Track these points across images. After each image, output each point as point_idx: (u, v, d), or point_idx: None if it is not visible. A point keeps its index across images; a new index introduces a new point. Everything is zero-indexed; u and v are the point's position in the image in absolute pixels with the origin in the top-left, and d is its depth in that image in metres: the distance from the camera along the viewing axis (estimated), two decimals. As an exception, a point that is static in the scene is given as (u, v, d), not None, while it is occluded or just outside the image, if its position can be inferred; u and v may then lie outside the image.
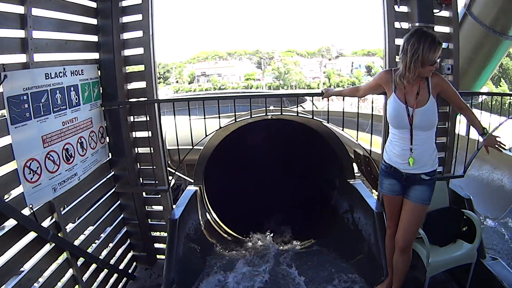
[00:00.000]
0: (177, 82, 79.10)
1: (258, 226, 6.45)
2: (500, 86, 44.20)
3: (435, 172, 3.38)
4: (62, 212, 3.61)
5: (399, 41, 3.93)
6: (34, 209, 3.17)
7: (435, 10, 4.20)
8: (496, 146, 3.42)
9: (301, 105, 16.59)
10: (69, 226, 3.77)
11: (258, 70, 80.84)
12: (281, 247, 5.67)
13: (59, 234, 3.51)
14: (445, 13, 4.27)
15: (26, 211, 3.10)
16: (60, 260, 3.63)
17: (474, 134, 4.28)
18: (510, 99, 5.20)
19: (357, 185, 5.30)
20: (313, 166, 7.29)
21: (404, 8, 4.24)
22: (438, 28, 4.26)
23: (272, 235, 6.16)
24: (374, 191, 8.47)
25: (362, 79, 76.22)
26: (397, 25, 4.21)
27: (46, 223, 3.43)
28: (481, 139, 3.57)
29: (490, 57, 7.19)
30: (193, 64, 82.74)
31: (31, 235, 3.18)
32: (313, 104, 4.70)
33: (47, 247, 3.41)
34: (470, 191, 4.49)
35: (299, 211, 6.91)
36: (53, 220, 3.51)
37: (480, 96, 6.95)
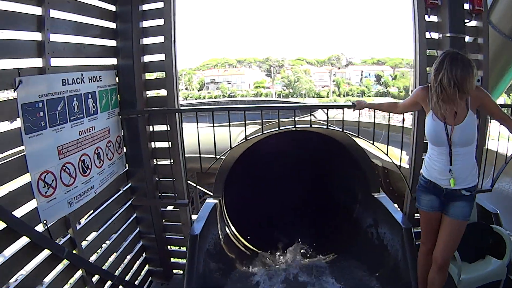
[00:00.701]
0: (186, 89, 79.71)
1: (279, 239, 6.23)
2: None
3: (475, 187, 3.26)
4: (78, 228, 3.40)
5: (430, 51, 4.04)
6: (48, 225, 2.95)
7: (465, 20, 4.07)
8: None
9: (313, 114, 16.28)
10: (85, 242, 3.57)
11: (268, 78, 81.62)
12: (302, 262, 5.47)
13: (74, 251, 3.32)
14: (474, 23, 4.17)
15: (39, 227, 2.89)
16: (75, 277, 3.42)
17: (502, 147, 4.15)
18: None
19: (382, 199, 5.11)
20: (335, 178, 7.05)
21: (434, 18, 4.10)
22: (468, 39, 4.18)
23: (292, 249, 5.93)
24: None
25: (372, 88, 76.96)
26: (427, 35, 4.08)
27: (61, 239, 3.24)
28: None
29: (508, 66, 7.00)
30: (202, 71, 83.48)
31: (46, 252, 2.98)
32: (343, 116, 4.49)
33: (62, 265, 3.21)
34: (494, 205, 4.41)
35: (320, 224, 6.66)
36: (68, 236, 3.30)
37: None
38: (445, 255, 3.31)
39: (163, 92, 4.16)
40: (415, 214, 4.44)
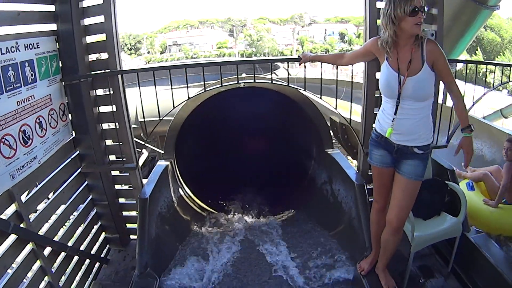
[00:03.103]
0: (148, 52, 78.32)
1: (235, 199, 6.34)
2: (476, 54, 44.75)
3: (429, 146, 3.16)
4: (24, 200, 3.31)
5: (380, 5, 3.76)
6: (-9, 201, 2.86)
7: None
8: (467, 151, 3.14)
9: (274, 72, 16.18)
10: (33, 215, 3.48)
11: (230, 38, 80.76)
12: (259, 221, 5.56)
13: (22, 225, 3.23)
14: None
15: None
16: (25, 251, 3.35)
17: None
18: (485, 67, 5.10)
19: (336, 155, 5.11)
20: (290, 135, 7.07)
21: None
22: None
23: (249, 207, 6.05)
24: (350, 159, 8.40)
25: (336, 46, 77.15)
26: None
27: (7, 214, 3.15)
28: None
29: (468, 26, 7.14)
30: (164, 34, 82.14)
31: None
32: (288, 71, 4.47)
33: (10, 240, 3.13)
34: (450, 161, 4.40)
35: (276, 182, 6.73)
36: (14, 209, 3.21)
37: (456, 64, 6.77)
38: (400, 217, 3.26)
39: (104, 56, 4.02)
40: (369, 171, 4.38)
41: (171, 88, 4.17)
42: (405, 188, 3.20)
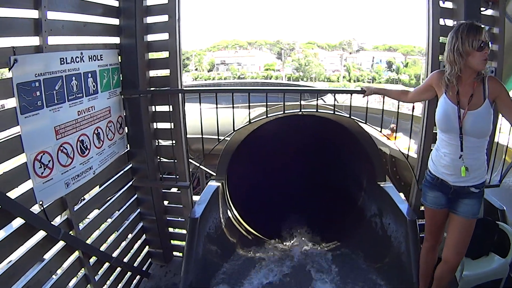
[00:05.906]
0: (196, 69, 79.85)
1: (281, 224, 6.23)
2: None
3: (484, 184, 3.05)
4: (75, 209, 3.37)
5: (443, 39, 3.71)
6: (44, 206, 2.92)
7: (481, 8, 3.84)
8: None
9: (322, 98, 16.16)
10: (82, 223, 3.54)
11: (278, 61, 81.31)
12: (304, 249, 5.41)
13: (71, 232, 3.28)
14: (490, 12, 3.95)
15: (36, 208, 2.85)
16: (71, 258, 3.40)
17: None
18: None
19: (388, 189, 4.94)
20: (342, 165, 6.96)
21: (449, 4, 3.88)
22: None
23: (295, 234, 5.93)
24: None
25: (383, 74, 76.32)
26: (441, 21, 3.85)
27: (57, 220, 3.20)
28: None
29: None
30: (213, 52, 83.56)
31: (41, 233, 2.94)
32: (350, 102, 4.39)
33: (58, 246, 3.18)
34: (501, 201, 4.21)
35: (324, 211, 6.56)
36: (65, 217, 3.27)
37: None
38: (457, 255, 3.18)
39: (165, 72, 4.07)
40: (421, 207, 4.23)
41: (233, 109, 4.15)
42: (462, 228, 3.11)
